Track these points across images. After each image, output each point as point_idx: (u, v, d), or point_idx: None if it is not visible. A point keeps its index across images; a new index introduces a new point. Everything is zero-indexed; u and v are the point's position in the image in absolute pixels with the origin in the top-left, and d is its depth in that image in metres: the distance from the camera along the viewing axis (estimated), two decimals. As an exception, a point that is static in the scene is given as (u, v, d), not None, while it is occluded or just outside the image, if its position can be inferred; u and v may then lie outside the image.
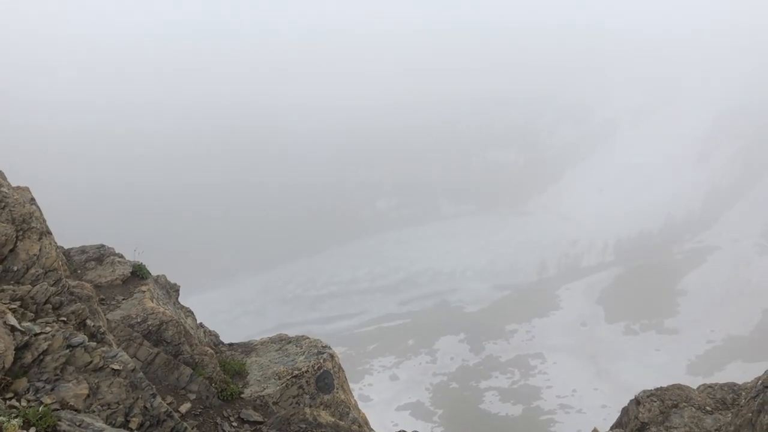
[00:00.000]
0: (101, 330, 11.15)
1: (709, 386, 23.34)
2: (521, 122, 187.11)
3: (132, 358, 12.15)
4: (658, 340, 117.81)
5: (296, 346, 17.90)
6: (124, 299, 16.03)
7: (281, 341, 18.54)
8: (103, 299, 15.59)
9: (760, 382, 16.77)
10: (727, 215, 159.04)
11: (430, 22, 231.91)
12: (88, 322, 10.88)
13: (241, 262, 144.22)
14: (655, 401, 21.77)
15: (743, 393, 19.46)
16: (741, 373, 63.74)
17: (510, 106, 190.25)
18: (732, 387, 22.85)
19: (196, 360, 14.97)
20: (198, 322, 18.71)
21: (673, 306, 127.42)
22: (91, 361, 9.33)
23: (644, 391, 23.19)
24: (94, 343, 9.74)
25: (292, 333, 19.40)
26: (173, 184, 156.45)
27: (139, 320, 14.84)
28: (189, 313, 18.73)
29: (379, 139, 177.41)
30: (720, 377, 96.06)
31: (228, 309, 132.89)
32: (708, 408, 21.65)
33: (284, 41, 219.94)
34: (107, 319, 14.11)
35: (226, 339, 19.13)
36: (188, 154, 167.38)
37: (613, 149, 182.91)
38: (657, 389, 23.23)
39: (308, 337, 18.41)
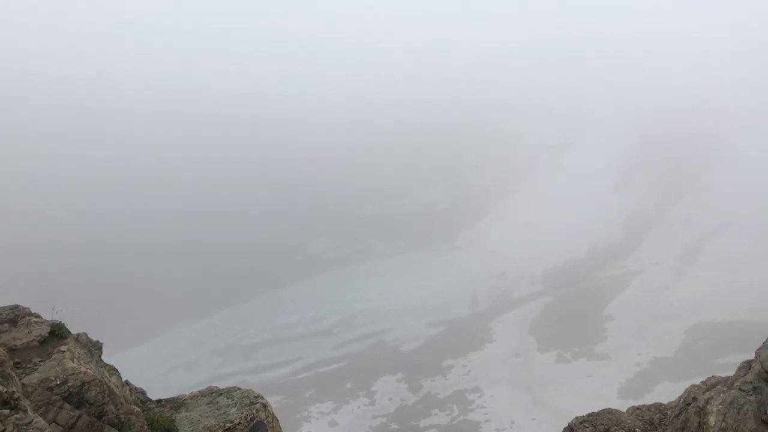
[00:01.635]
0: (15, 396, 10.58)
1: (638, 408, 24.06)
2: (447, 161, 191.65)
3: (51, 423, 11.56)
4: (590, 366, 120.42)
5: (227, 398, 17.43)
6: (41, 361, 15.23)
7: (212, 394, 18.02)
8: (18, 363, 14.79)
9: (681, 400, 17.48)
10: (647, 241, 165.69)
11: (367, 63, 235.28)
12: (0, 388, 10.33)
13: (170, 314, 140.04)
14: (588, 427, 22.24)
15: (668, 412, 20.15)
16: (668, 392, 65.98)
17: (435, 145, 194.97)
18: (658, 407, 23.63)
19: (122, 420, 14.35)
20: (123, 379, 18.00)
21: (601, 332, 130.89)
22: (3, 430, 8.84)
23: (577, 418, 23.66)
24: (7, 411, 9.24)
25: (226, 384, 18.90)
26: (94, 236, 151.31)
27: (58, 382, 14.11)
28: (113, 371, 17.98)
29: (309, 182, 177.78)
30: (650, 398, 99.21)
31: (159, 363, 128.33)
32: (638, 430, 22.28)
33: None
34: (23, 384, 13.39)
35: (157, 395, 18.44)
36: (108, 203, 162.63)
37: (535, 183, 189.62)
38: (589, 415, 23.74)
39: (240, 388, 17.98)
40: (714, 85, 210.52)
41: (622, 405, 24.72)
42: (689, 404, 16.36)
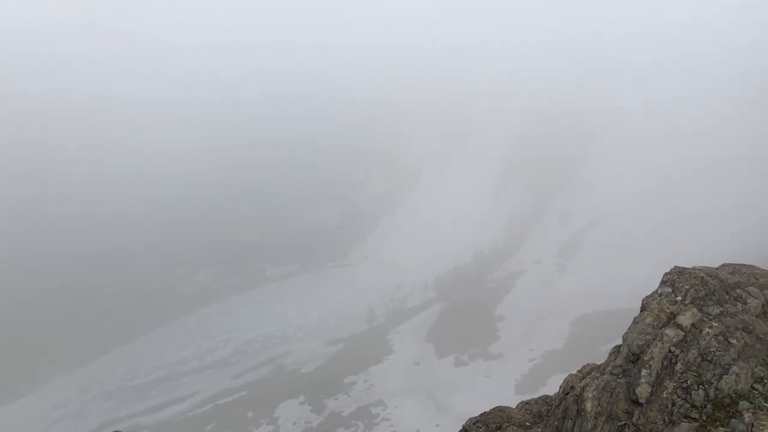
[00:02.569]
0: None
1: (527, 403, 25.05)
2: (333, 178, 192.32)
3: None
4: (486, 366, 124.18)
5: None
6: None
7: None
8: None
9: (561, 390, 18.42)
10: (528, 241, 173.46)
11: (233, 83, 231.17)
12: None
13: (51, 362, 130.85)
14: (481, 427, 22.90)
15: (553, 403, 21.12)
16: (561, 384, 69.43)
17: (319, 163, 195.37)
18: (545, 399, 24.71)
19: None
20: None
21: (493, 332, 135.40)
22: None
23: (470, 419, 24.28)
24: None
25: (120, 428, 17.84)
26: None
27: None
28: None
29: (191, 209, 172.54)
30: (544, 391, 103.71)
31: (42, 416, 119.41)
32: (527, 423, 23.19)
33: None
34: None
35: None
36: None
37: (420, 193, 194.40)
38: (481, 415, 24.45)
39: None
40: (581, 84, 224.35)
41: (519, 400, 25.62)
42: (568, 393, 17.27)
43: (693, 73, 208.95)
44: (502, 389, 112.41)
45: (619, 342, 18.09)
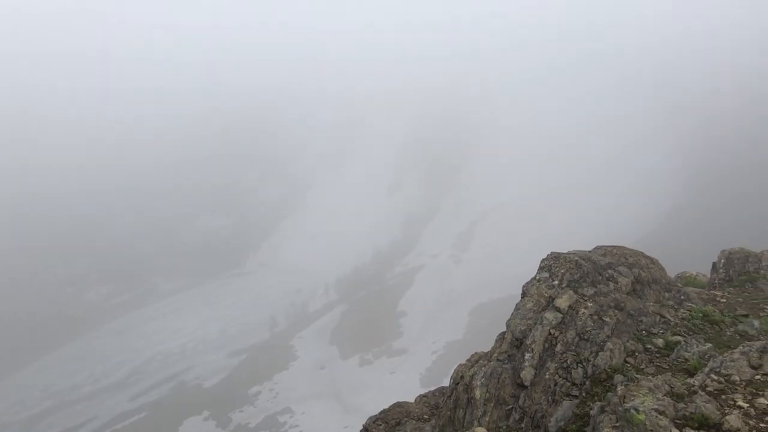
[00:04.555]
0: None
1: (424, 396, 25.41)
2: (225, 185, 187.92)
3: None
4: (391, 363, 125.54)
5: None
6: None
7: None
8: None
9: (451, 381, 18.79)
10: (424, 235, 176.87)
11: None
12: None
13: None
14: (381, 424, 23.01)
15: (446, 394, 21.53)
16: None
17: (211, 169, 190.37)
18: (441, 391, 25.14)
19: None
20: None
21: (396, 328, 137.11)
22: None
23: (370, 418, 24.35)
24: None
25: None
26: None
27: None
28: None
29: (76, 227, 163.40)
30: (448, 382, 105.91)
31: None
32: (425, 416, 23.49)
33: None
34: None
35: None
36: None
37: (316, 198, 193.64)
38: (381, 412, 24.57)
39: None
40: (467, 88, 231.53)
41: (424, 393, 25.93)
42: (458, 383, 17.64)
43: (570, 80, 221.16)
44: (408, 384, 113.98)
45: (510, 328, 18.66)
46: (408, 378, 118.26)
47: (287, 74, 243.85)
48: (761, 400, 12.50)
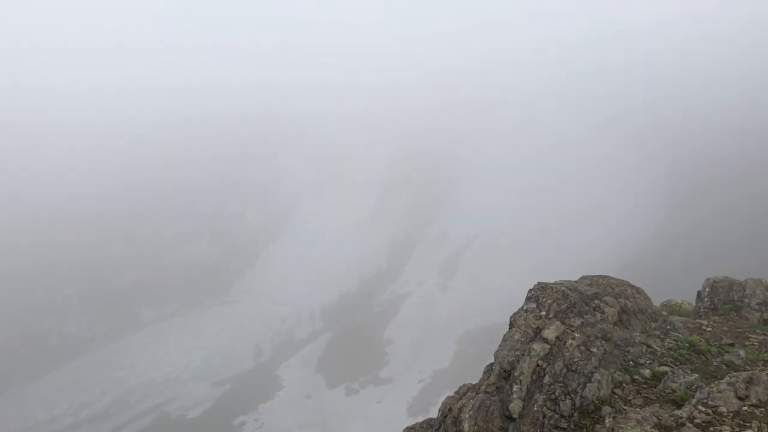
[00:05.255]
0: None
1: (411, 428, 25.19)
2: (208, 213, 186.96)
3: None
4: (377, 392, 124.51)
5: None
6: None
7: None
8: None
9: (440, 413, 18.69)
10: (410, 263, 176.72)
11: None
12: None
13: None
14: (368, 458, 22.76)
15: (434, 427, 21.39)
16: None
17: (194, 196, 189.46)
18: (429, 423, 24.97)
19: None
20: None
21: (383, 356, 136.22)
22: None
23: (357, 451, 24.05)
24: None
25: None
26: None
27: None
28: None
29: (55, 255, 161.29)
30: (434, 411, 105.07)
31: None
32: (412, 449, 23.26)
33: None
34: None
35: None
36: None
37: (301, 225, 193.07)
38: (369, 445, 24.31)
39: None
40: (451, 109, 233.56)
41: (411, 422, 25.70)
42: (446, 416, 17.55)
43: (551, 96, 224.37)
44: (395, 413, 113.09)
45: (498, 357, 18.66)
46: (394, 407, 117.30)
47: (268, 99, 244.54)
48: (748, 432, 12.56)
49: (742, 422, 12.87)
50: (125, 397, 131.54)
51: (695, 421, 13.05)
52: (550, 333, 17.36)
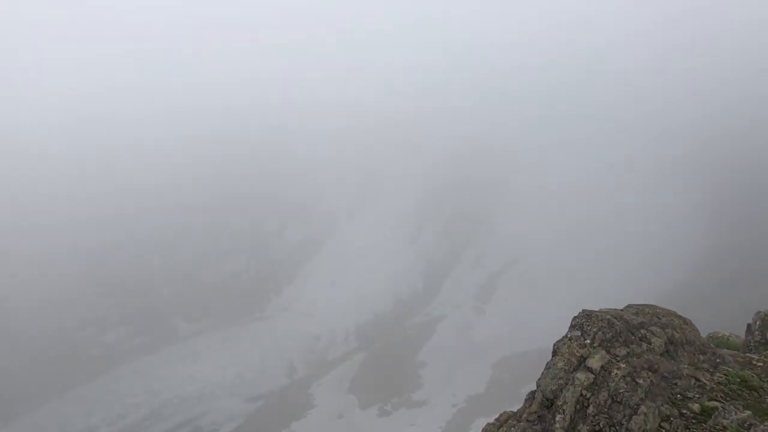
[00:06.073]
0: None
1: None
2: (246, 229, 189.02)
3: None
4: (410, 414, 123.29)
5: None
6: None
7: None
8: None
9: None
10: (446, 285, 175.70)
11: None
12: None
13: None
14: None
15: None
16: (482, 428, 69.76)
17: (233, 212, 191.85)
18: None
19: None
20: None
21: (416, 379, 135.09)
22: None
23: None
24: None
25: None
26: None
27: None
28: None
29: (96, 266, 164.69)
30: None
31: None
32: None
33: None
34: None
35: None
36: None
37: (337, 243, 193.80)
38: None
39: None
40: (488, 127, 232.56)
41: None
42: (486, 443, 17.22)
43: (607, 113, 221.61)
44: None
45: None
46: (428, 431, 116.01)
47: (304, 118, 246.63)
48: (807, 474, 12.00)
49: (799, 464, 12.31)
50: (159, 410, 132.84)
51: (749, 460, 12.52)
52: (594, 362, 16.94)
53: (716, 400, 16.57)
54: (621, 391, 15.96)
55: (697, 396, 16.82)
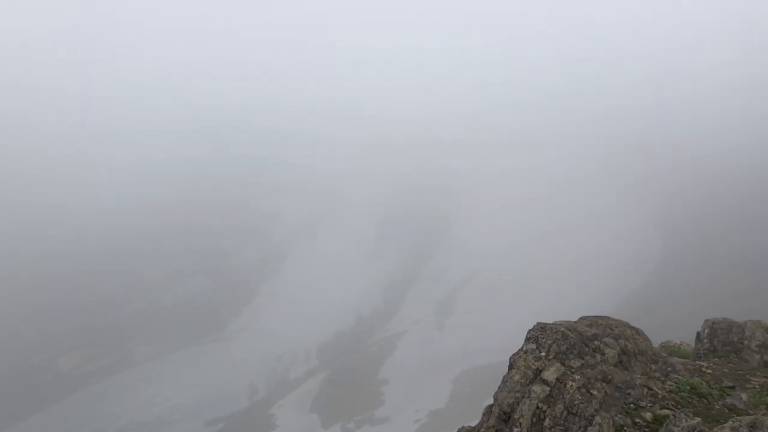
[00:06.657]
0: None
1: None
2: (203, 250, 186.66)
3: None
4: (373, 431, 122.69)
5: None
6: None
7: None
8: None
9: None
10: (406, 301, 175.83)
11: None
12: None
13: None
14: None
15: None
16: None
17: (190, 234, 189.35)
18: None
19: None
20: None
21: (379, 396, 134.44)
22: None
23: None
24: None
25: None
26: None
27: None
28: None
29: (48, 290, 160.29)
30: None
31: None
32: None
33: None
34: None
35: None
36: None
37: (297, 261, 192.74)
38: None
39: None
40: (446, 147, 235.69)
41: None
42: (445, 459, 17.31)
43: (555, 141, 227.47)
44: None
45: (496, 398, 18.44)
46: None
47: (258, 143, 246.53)
48: (754, 478, 12.37)
49: (746, 468, 12.68)
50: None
51: (699, 466, 12.86)
52: (550, 374, 17.20)
53: (668, 408, 16.99)
54: (576, 402, 16.23)
55: (649, 405, 17.22)
